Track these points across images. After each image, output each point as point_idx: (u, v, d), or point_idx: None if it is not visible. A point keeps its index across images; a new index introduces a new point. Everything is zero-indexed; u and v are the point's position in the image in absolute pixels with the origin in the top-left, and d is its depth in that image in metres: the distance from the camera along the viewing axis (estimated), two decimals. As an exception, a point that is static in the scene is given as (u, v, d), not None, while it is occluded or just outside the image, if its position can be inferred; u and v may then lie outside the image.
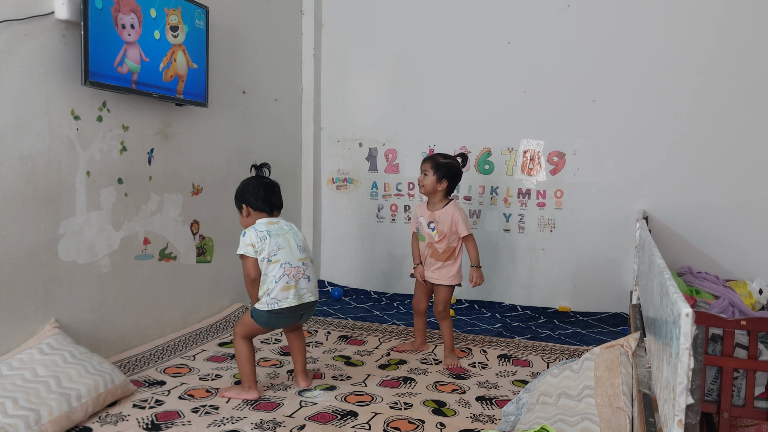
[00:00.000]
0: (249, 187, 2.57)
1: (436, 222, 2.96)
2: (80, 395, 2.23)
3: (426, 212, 3.00)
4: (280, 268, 2.46)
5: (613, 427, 1.83)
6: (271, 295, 2.45)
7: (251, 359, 2.52)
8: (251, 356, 2.52)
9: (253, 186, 2.57)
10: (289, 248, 2.50)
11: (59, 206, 2.55)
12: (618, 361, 2.11)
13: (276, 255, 2.47)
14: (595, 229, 3.89)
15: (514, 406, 2.31)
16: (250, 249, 2.46)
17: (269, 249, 2.46)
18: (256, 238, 2.46)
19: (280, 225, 2.55)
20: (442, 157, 2.99)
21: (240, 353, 2.51)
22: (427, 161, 2.98)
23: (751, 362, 2.44)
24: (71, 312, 2.64)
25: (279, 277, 2.46)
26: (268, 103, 4.01)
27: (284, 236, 2.51)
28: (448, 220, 2.95)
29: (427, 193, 2.98)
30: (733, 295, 3.02)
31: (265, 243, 2.46)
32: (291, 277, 2.48)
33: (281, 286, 2.45)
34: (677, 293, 1.22)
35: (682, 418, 1.07)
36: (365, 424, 2.29)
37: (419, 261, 3.05)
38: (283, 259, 2.47)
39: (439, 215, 2.96)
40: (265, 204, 2.56)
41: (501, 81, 4.03)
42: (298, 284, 2.50)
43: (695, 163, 3.65)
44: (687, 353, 1.06)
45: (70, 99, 2.58)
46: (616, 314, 3.81)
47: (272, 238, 2.47)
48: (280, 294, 2.45)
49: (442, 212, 2.96)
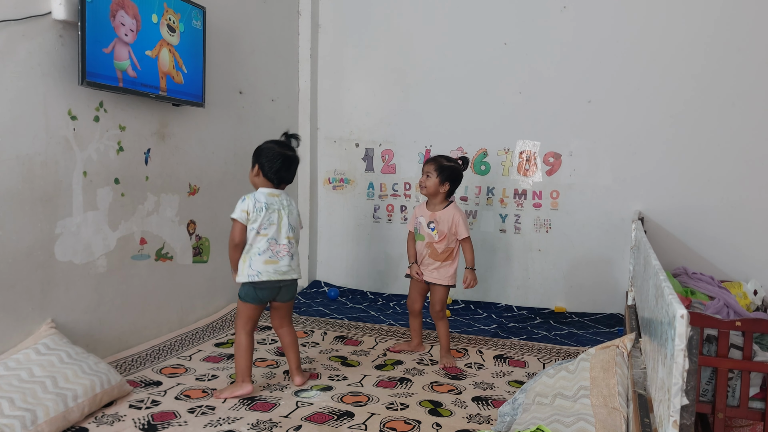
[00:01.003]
0: (270, 152, 2.58)
1: (437, 222, 2.97)
2: (76, 395, 2.22)
3: (426, 212, 3.01)
4: (266, 242, 2.52)
5: (609, 428, 1.83)
6: (252, 267, 2.51)
7: (248, 353, 2.54)
8: (249, 350, 2.55)
9: (274, 154, 2.57)
10: (279, 225, 2.55)
11: (56, 206, 2.55)
12: (614, 362, 2.12)
13: (266, 229, 2.52)
14: (590, 229, 3.91)
15: (510, 406, 2.31)
16: (243, 215, 2.50)
17: (261, 222, 2.51)
18: (253, 207, 2.51)
19: (280, 198, 2.59)
20: (445, 159, 3.00)
21: (238, 346, 2.55)
22: (430, 163, 2.98)
23: (745, 363, 2.45)
24: (68, 312, 2.64)
25: (263, 250, 2.52)
26: (264, 103, 4.01)
27: (279, 212, 2.56)
28: (448, 221, 2.96)
29: (429, 194, 2.99)
30: (728, 296, 3.04)
31: (260, 215, 2.51)
32: (274, 253, 2.54)
33: (263, 259, 2.52)
34: (672, 294, 1.23)
35: (677, 419, 1.08)
36: (361, 425, 2.30)
37: (414, 260, 3.06)
38: (270, 234, 2.53)
39: (440, 216, 2.97)
40: (276, 176, 2.59)
41: (497, 82, 4.03)
42: (281, 260, 2.55)
43: (690, 164, 3.66)
44: (682, 354, 1.07)
45: (67, 99, 2.57)
46: (612, 315, 3.83)
47: (267, 212, 2.52)
48: (261, 267, 2.51)
49: (442, 213, 2.97)
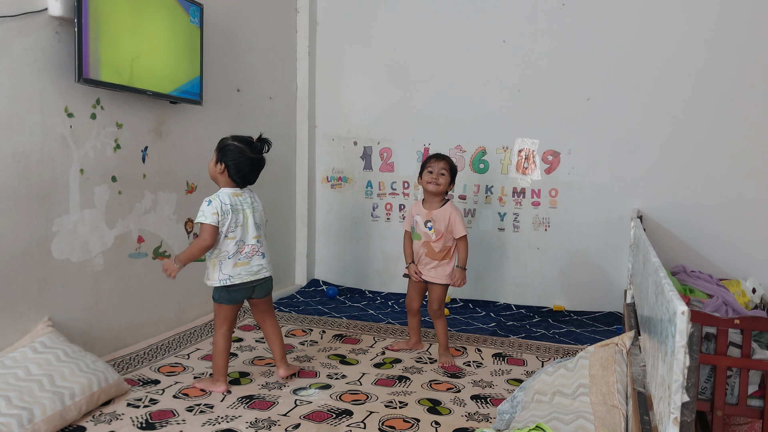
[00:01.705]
0: (240, 155, 2.49)
1: (434, 221, 2.96)
2: (74, 394, 2.21)
3: (423, 211, 2.99)
4: (234, 245, 2.49)
5: (608, 425, 1.83)
6: (223, 271, 2.49)
7: (225, 353, 2.55)
8: (225, 351, 2.55)
9: (244, 158, 2.49)
10: (245, 225, 2.52)
11: (53, 204, 2.54)
12: (613, 360, 2.11)
13: (233, 232, 2.49)
14: (589, 228, 3.90)
15: (509, 404, 2.31)
16: (215, 218, 2.44)
17: (228, 224, 2.47)
18: (221, 209, 2.46)
19: (243, 197, 2.55)
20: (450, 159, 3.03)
21: (215, 345, 2.56)
22: (443, 161, 2.95)
23: (744, 361, 2.45)
24: (65, 310, 2.63)
25: (232, 254, 2.49)
26: (262, 101, 4.00)
27: (244, 212, 2.53)
28: (445, 220, 2.95)
29: (439, 192, 2.95)
30: (727, 293, 3.03)
31: (226, 217, 2.47)
32: (244, 254, 2.52)
33: (233, 262, 2.50)
34: (673, 291, 1.22)
35: (677, 416, 1.07)
36: (360, 423, 2.29)
37: (412, 259, 3.05)
38: (238, 236, 2.50)
39: (437, 214, 2.96)
40: (241, 180, 2.54)
41: (496, 80, 4.03)
42: (251, 261, 2.53)
43: (689, 162, 3.66)
44: (683, 351, 1.06)
45: (63, 96, 2.56)
46: (611, 313, 3.82)
47: (233, 214, 2.48)
48: (232, 270, 2.49)
49: (439, 212, 2.96)
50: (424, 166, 2.99)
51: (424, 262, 3.01)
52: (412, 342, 3.16)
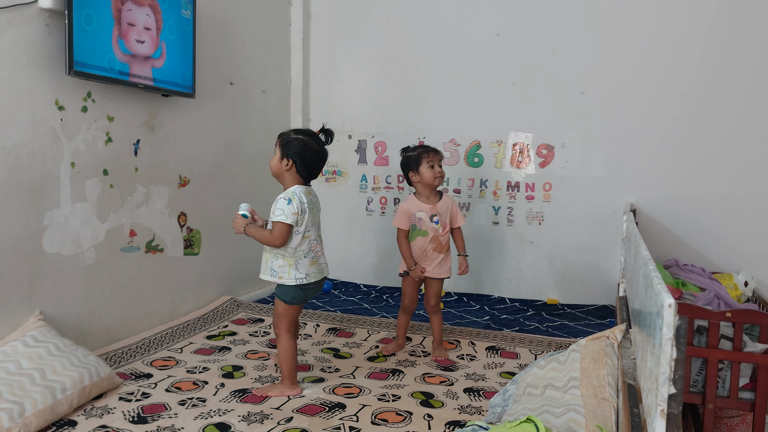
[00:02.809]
0: (303, 147, 2.44)
1: (439, 214, 2.92)
2: (65, 388, 2.21)
3: (425, 206, 2.92)
4: (308, 243, 2.47)
5: (599, 418, 1.83)
6: (300, 270, 2.45)
7: (295, 355, 2.51)
8: (295, 352, 2.52)
9: (311, 151, 2.45)
10: (315, 224, 2.52)
11: (43, 197, 2.53)
12: (604, 353, 2.12)
13: (309, 231, 2.47)
14: (583, 222, 3.90)
15: (501, 397, 2.31)
16: (295, 218, 2.38)
17: (305, 224, 2.44)
18: (300, 209, 2.40)
19: (312, 197, 2.52)
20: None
21: (285, 349, 2.48)
22: (439, 154, 2.92)
23: (735, 354, 2.45)
24: (56, 304, 2.62)
25: (306, 252, 2.46)
26: (256, 94, 3.99)
27: (313, 210, 2.49)
28: (448, 211, 2.94)
29: (439, 185, 2.94)
30: (719, 287, 3.04)
31: (304, 217, 2.43)
32: (315, 253, 2.50)
33: (309, 261, 2.47)
34: (661, 284, 1.22)
35: (664, 408, 1.07)
36: (353, 416, 2.29)
37: (413, 260, 2.95)
38: (312, 235, 2.49)
39: (441, 207, 2.93)
40: (308, 174, 2.49)
41: (490, 73, 4.02)
42: (320, 259, 2.54)
43: (683, 156, 3.66)
44: (669, 343, 1.06)
45: (54, 89, 2.54)
46: (604, 306, 3.83)
47: (308, 213, 2.44)
48: (309, 269, 2.47)
49: (442, 204, 2.94)
50: (418, 161, 2.89)
51: (431, 258, 2.94)
52: (400, 343, 3.09)
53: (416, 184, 2.94)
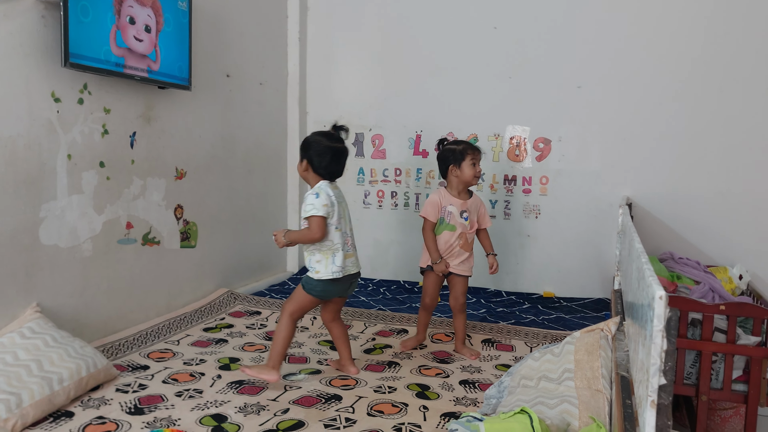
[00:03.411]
0: (318, 146, 2.48)
1: (469, 211, 2.89)
2: (62, 379, 2.22)
3: (456, 201, 2.87)
4: (342, 236, 2.49)
5: (592, 409, 1.85)
6: (336, 263, 2.46)
7: (287, 341, 2.50)
8: (289, 338, 2.51)
9: (323, 148, 2.47)
10: (346, 217, 2.54)
11: (40, 189, 2.53)
12: (598, 345, 2.13)
13: (340, 223, 2.49)
14: (579, 215, 3.91)
15: (496, 389, 2.33)
16: (325, 209, 2.41)
17: (336, 216, 2.47)
18: (329, 201, 2.44)
19: (339, 191, 2.55)
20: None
21: (280, 330, 2.49)
22: (480, 153, 2.89)
23: (729, 346, 2.48)
24: (53, 296, 2.63)
25: (342, 245, 2.48)
26: (252, 87, 3.98)
27: (342, 204, 2.52)
28: (476, 210, 2.92)
29: (475, 184, 2.93)
30: (714, 280, 3.06)
31: (333, 209, 2.46)
32: (349, 246, 2.53)
33: (343, 254, 2.49)
34: (653, 276, 1.23)
35: (654, 399, 1.09)
36: (349, 408, 2.31)
37: (440, 255, 2.88)
38: (344, 227, 2.51)
39: (471, 205, 2.90)
40: (326, 171, 2.50)
41: (487, 66, 4.02)
42: (353, 253, 2.56)
43: (679, 151, 3.67)
44: (660, 335, 1.07)
45: (50, 81, 2.54)
46: (600, 299, 3.85)
47: (338, 205, 2.48)
48: (343, 262, 2.48)
49: (472, 202, 2.91)
50: (462, 156, 2.82)
51: (456, 254, 2.89)
52: (421, 337, 3.04)
53: (453, 179, 2.88)
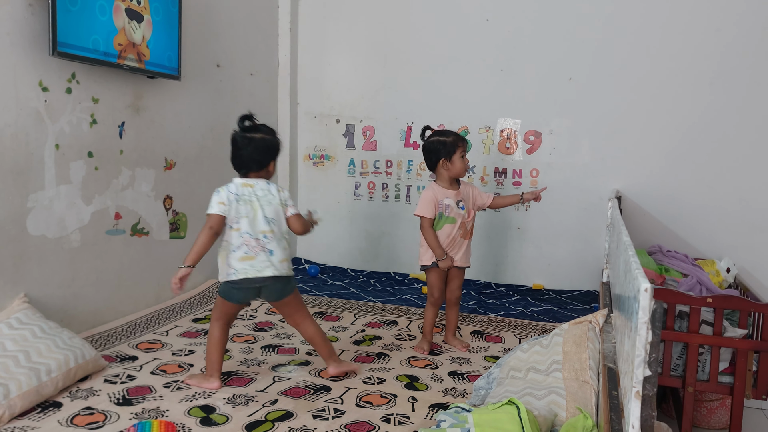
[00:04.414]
0: (232, 139, 2.41)
1: (464, 200, 2.87)
2: (50, 370, 2.21)
3: (450, 192, 2.84)
4: (239, 237, 2.34)
5: (579, 400, 1.86)
6: (230, 264, 2.35)
7: (219, 346, 2.41)
8: (220, 343, 2.41)
9: (232, 141, 2.40)
10: (253, 218, 2.35)
11: (27, 179, 2.51)
12: (586, 337, 2.14)
13: (237, 223, 2.34)
14: (569, 208, 3.93)
15: (485, 380, 2.34)
16: (222, 207, 2.32)
17: (232, 215, 2.34)
18: (226, 198, 2.33)
19: (254, 189, 2.38)
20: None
21: (210, 337, 2.42)
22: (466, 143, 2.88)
23: (715, 338, 2.50)
24: (41, 287, 2.61)
25: (237, 246, 2.34)
26: (243, 77, 3.96)
27: (253, 204, 2.36)
28: (469, 197, 2.91)
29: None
30: (701, 273, 3.08)
31: (231, 207, 2.33)
32: (250, 248, 2.34)
33: (239, 255, 2.34)
34: (639, 269, 1.24)
35: (639, 390, 1.10)
36: (338, 399, 2.31)
37: (443, 250, 2.83)
38: (243, 228, 2.34)
39: (464, 193, 2.88)
40: (237, 165, 2.41)
41: (479, 59, 4.01)
42: (257, 257, 2.35)
43: (668, 144, 3.68)
44: (645, 327, 1.08)
45: (38, 70, 2.52)
46: (588, 292, 3.87)
47: (238, 204, 2.34)
48: (237, 264, 2.33)
49: (464, 190, 2.89)
50: (453, 149, 2.79)
51: (457, 246, 2.87)
52: (430, 339, 2.93)
53: (443, 172, 2.83)
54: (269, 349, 2.83)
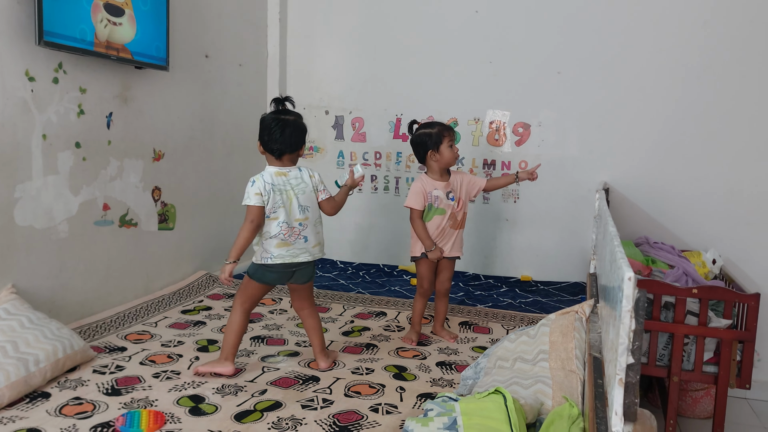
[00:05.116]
0: (264, 122, 2.43)
1: (455, 191, 2.88)
2: (38, 360, 2.20)
3: (439, 183, 2.84)
4: (277, 226, 2.41)
5: (565, 389, 1.89)
6: (265, 249, 2.42)
7: (240, 333, 2.45)
8: (241, 330, 2.45)
9: (266, 123, 2.42)
10: (289, 207, 2.42)
11: (14, 170, 2.49)
12: (572, 327, 2.17)
13: (275, 212, 2.40)
14: (557, 200, 3.95)
15: (472, 370, 2.36)
16: (258, 198, 2.37)
17: (270, 205, 2.40)
18: (264, 189, 2.38)
19: (288, 178, 2.44)
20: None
21: (231, 323, 2.44)
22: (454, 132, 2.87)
23: (701, 328, 2.53)
24: (29, 278, 2.60)
25: (274, 234, 2.41)
26: (232, 68, 3.94)
27: (287, 192, 2.42)
28: (460, 186, 2.90)
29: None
30: (688, 264, 3.11)
31: (268, 198, 2.38)
32: (287, 236, 2.42)
33: (275, 242, 2.41)
34: (623, 258, 1.25)
35: (622, 377, 1.11)
36: (326, 389, 2.33)
37: (433, 241, 2.85)
38: (281, 217, 2.41)
39: (454, 183, 2.88)
40: (275, 151, 2.42)
41: (468, 51, 4.01)
42: (295, 244, 2.44)
43: (656, 137, 3.71)
44: (629, 315, 1.10)
45: (24, 59, 2.50)
46: (576, 283, 3.90)
47: (274, 194, 2.39)
48: (274, 250, 2.41)
49: (454, 179, 2.89)
50: (439, 140, 2.79)
51: (448, 236, 2.88)
52: (418, 329, 2.94)
53: (433, 164, 2.84)
54: (258, 339, 2.83)
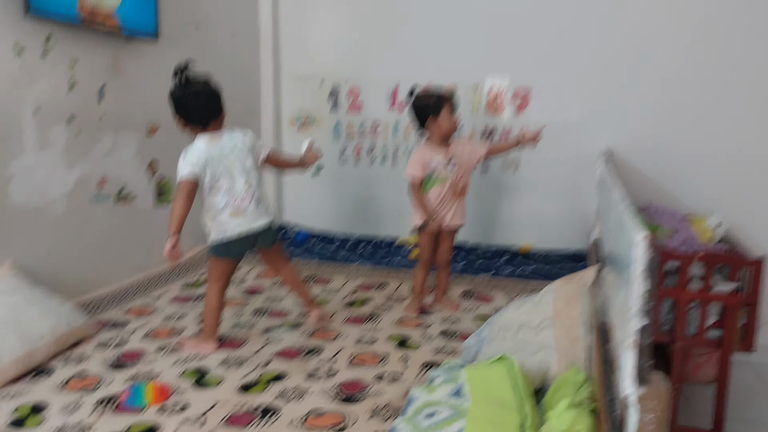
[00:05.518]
0: (174, 98, 2.33)
1: (455, 158, 2.83)
2: (42, 335, 2.19)
3: (440, 152, 2.79)
4: (223, 196, 2.31)
5: (570, 357, 1.88)
6: (220, 222, 2.32)
7: (217, 311, 2.40)
8: (218, 309, 2.40)
9: (178, 97, 2.31)
10: (231, 174, 2.32)
11: (6, 146, 2.45)
12: (576, 294, 2.15)
13: (218, 183, 2.30)
14: (559, 167, 3.91)
15: (475, 339, 2.35)
16: (193, 171, 2.25)
17: (209, 178, 2.29)
18: (196, 160, 2.26)
19: (221, 145, 2.33)
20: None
21: (208, 302, 2.40)
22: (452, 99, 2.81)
23: (704, 294, 2.52)
24: (28, 254, 2.57)
25: (223, 206, 2.31)
26: (224, 38, 3.86)
27: (225, 160, 2.31)
28: (462, 154, 2.85)
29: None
30: (690, 230, 3.09)
31: (203, 170, 2.27)
32: (237, 204, 2.32)
33: (228, 213, 2.32)
34: (634, 221, 1.23)
35: (636, 339, 1.10)
36: (331, 359, 2.32)
37: (432, 213, 2.80)
38: (224, 187, 2.31)
39: (454, 151, 2.83)
40: (188, 119, 2.33)
41: (467, 15, 3.93)
42: (246, 210, 2.34)
43: (659, 101, 3.66)
44: (641, 277, 1.07)
45: (12, 31, 2.43)
46: (579, 251, 3.88)
47: (212, 164, 2.28)
48: (229, 222, 2.32)
49: (455, 147, 2.84)
50: (438, 107, 2.75)
51: (448, 206, 2.85)
52: (420, 299, 2.93)
53: (432, 132, 2.80)
54: (261, 312, 2.82)
